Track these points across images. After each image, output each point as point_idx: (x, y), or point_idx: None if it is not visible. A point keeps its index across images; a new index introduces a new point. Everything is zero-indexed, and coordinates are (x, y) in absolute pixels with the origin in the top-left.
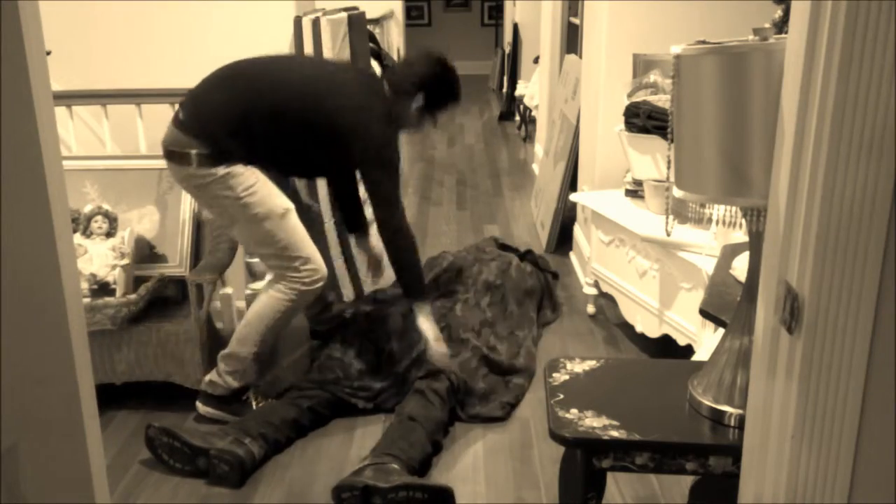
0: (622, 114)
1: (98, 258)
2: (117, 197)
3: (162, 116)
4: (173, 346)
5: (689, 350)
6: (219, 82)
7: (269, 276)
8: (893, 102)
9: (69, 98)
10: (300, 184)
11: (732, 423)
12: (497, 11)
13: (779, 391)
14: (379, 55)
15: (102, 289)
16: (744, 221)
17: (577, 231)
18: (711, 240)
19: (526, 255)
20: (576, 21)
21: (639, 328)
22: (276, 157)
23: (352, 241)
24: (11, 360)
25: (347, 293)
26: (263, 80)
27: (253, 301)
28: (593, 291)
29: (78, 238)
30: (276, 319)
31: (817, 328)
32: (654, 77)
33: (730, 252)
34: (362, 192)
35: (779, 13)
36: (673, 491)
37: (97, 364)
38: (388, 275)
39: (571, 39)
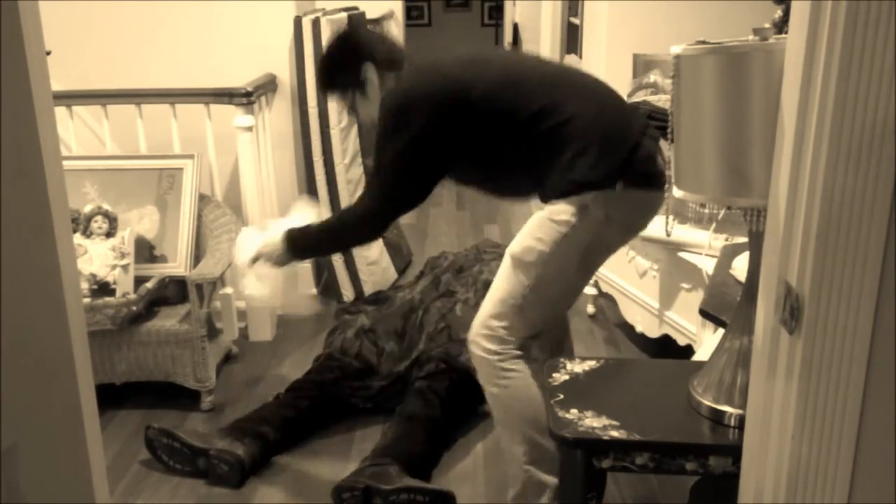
0: None
1: (98, 258)
2: (117, 197)
3: (162, 116)
4: (173, 346)
5: (689, 350)
6: None
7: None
8: (893, 102)
9: (69, 98)
10: None
11: (732, 423)
12: (497, 11)
13: (779, 391)
14: None
15: (102, 289)
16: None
17: None
18: (711, 240)
19: None
20: (576, 21)
21: (639, 328)
22: None
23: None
24: (11, 360)
25: (347, 293)
26: None
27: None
28: (593, 291)
29: (78, 238)
30: None
31: (817, 328)
32: (654, 77)
33: (730, 252)
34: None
35: (779, 13)
36: (673, 491)
37: (97, 364)
38: (389, 275)
39: (571, 39)
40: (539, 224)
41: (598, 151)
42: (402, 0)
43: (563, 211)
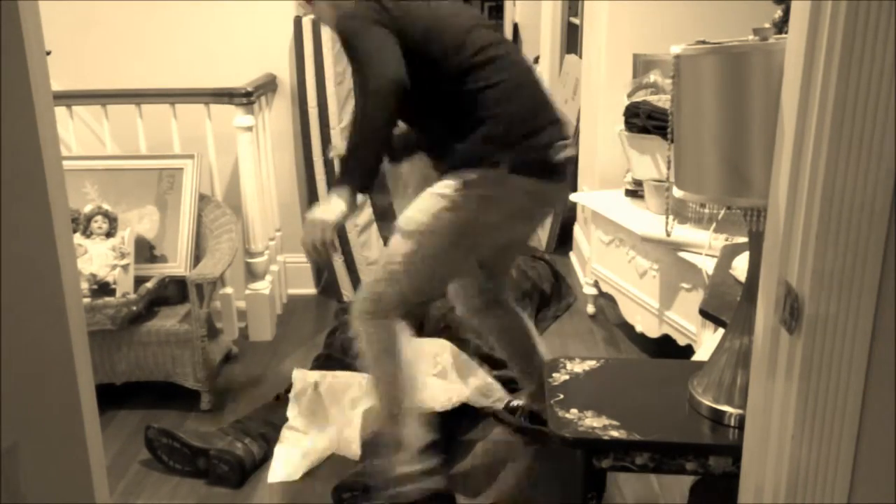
0: (622, 114)
1: (98, 258)
2: (117, 197)
3: (162, 116)
4: (173, 346)
5: (689, 350)
6: None
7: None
8: (893, 102)
9: (69, 98)
10: None
11: (732, 423)
12: (497, 11)
13: (779, 391)
14: None
15: (102, 289)
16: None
17: (577, 231)
18: (711, 240)
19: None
20: (576, 21)
21: (639, 328)
22: None
23: (352, 238)
24: (11, 360)
25: (347, 293)
26: None
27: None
28: (593, 291)
29: (78, 238)
30: None
31: (817, 328)
32: (654, 77)
33: (730, 252)
34: None
35: (779, 13)
36: (673, 491)
37: (97, 364)
38: None
39: (571, 39)
40: (424, 196)
41: (496, 128)
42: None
43: (446, 185)
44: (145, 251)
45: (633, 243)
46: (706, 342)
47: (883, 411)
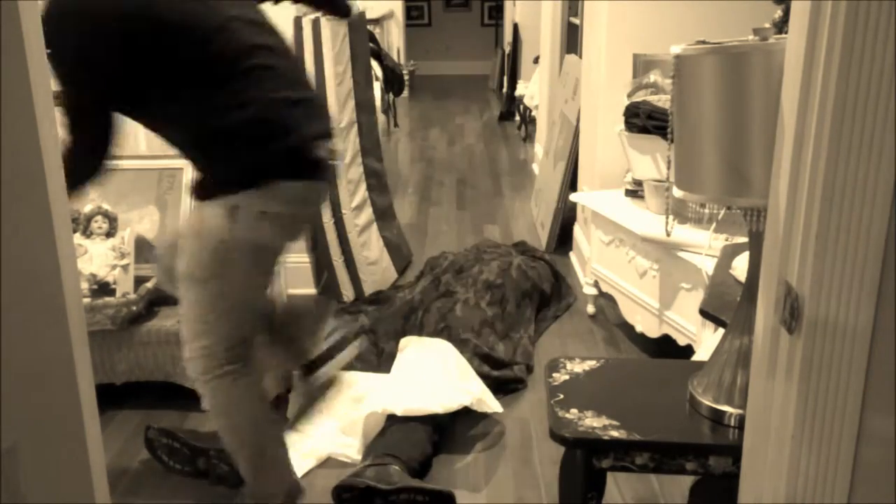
0: (622, 114)
1: (98, 258)
2: (117, 197)
3: None
4: (173, 346)
5: (689, 350)
6: None
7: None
8: (893, 102)
9: None
10: None
11: (732, 423)
12: (497, 11)
13: (779, 391)
14: (379, 55)
15: (102, 289)
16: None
17: (577, 231)
18: (711, 240)
19: (517, 246)
20: (576, 21)
21: (639, 328)
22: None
23: (352, 238)
24: (11, 359)
25: (347, 294)
26: None
27: None
28: (593, 291)
29: (78, 238)
30: None
31: (817, 328)
32: (654, 77)
33: (730, 252)
34: None
35: (779, 13)
36: (673, 491)
37: (97, 364)
38: (389, 275)
39: (571, 39)
40: (196, 237)
41: (251, 147)
42: (402, 0)
43: (214, 215)
44: (145, 251)
45: (633, 243)
46: (706, 342)
47: (883, 411)
